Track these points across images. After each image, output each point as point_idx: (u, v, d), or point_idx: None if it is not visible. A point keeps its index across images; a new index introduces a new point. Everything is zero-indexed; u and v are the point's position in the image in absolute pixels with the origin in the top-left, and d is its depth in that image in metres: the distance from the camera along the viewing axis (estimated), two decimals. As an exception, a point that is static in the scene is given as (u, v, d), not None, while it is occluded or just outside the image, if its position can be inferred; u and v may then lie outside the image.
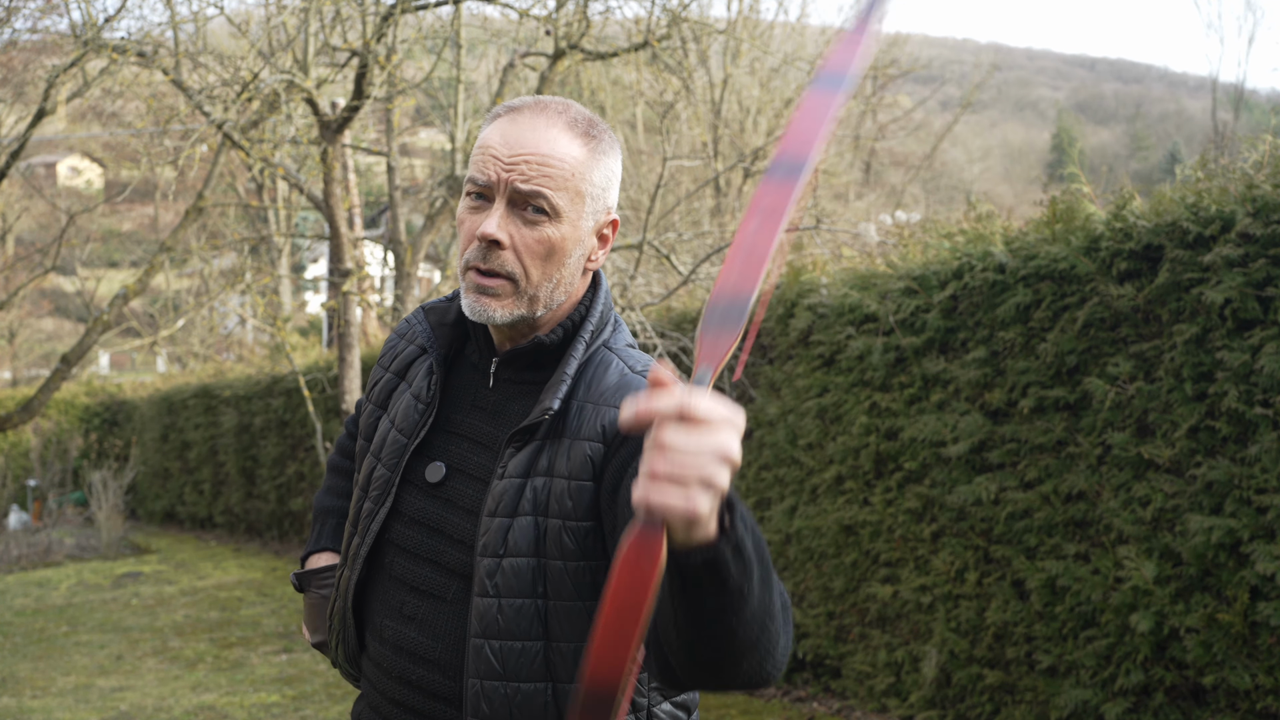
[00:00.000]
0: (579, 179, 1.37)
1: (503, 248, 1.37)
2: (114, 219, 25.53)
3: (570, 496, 1.33)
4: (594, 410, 1.36)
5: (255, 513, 11.50)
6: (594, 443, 1.34)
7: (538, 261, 1.37)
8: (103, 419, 15.90)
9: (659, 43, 6.35)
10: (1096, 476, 3.93)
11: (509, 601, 1.33)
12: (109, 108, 10.88)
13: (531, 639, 1.33)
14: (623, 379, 1.39)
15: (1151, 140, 40.86)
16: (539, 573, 1.33)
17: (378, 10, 6.03)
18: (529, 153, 1.36)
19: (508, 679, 1.33)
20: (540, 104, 1.40)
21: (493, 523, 1.35)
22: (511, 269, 1.37)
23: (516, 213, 1.37)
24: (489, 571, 1.34)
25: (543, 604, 1.33)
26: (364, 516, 1.48)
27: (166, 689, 5.84)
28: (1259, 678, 3.42)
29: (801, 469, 5.25)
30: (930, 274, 4.61)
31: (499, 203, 1.37)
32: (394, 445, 1.47)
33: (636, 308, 5.99)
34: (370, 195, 18.15)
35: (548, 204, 1.36)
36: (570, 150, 1.37)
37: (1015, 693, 4.25)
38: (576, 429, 1.36)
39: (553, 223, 1.37)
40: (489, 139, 1.38)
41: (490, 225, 1.35)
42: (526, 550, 1.33)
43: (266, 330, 10.22)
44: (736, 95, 11.55)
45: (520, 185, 1.35)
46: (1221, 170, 3.86)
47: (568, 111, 1.40)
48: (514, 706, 1.33)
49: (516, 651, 1.33)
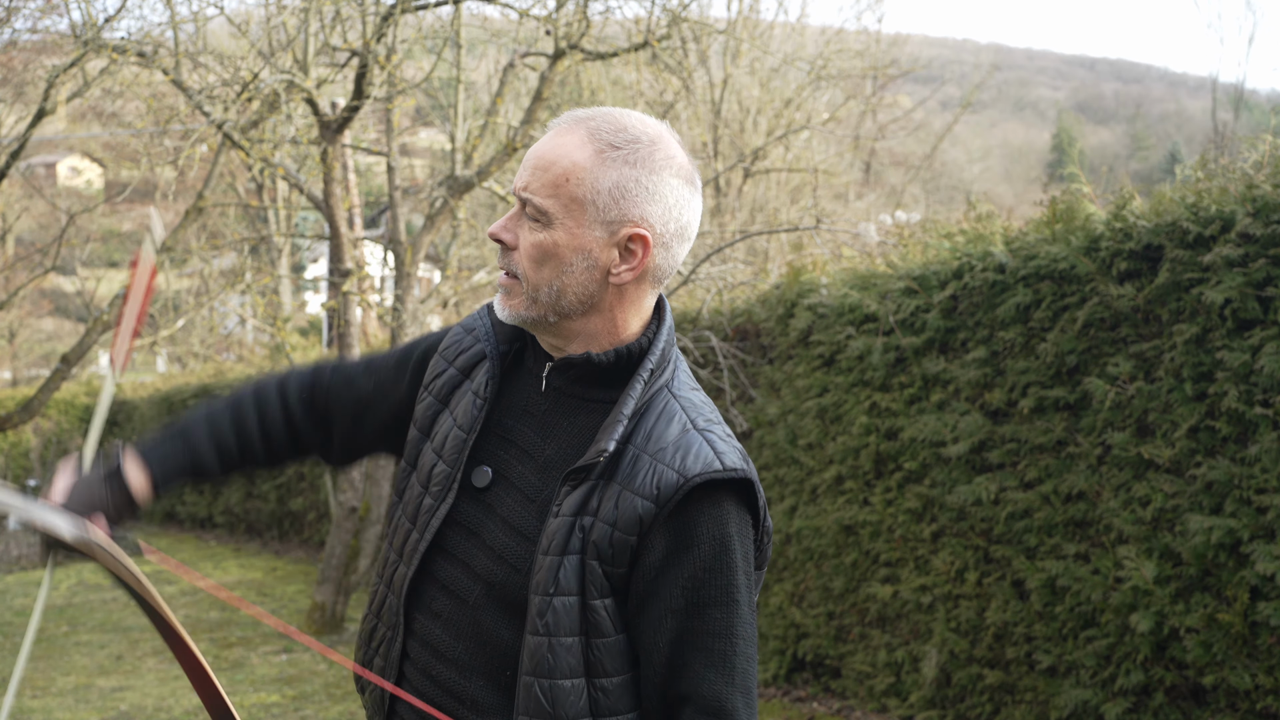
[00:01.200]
0: (575, 184, 1.36)
1: (510, 248, 1.42)
2: (114, 219, 25.52)
3: (612, 545, 1.35)
4: (650, 464, 1.36)
5: (255, 513, 11.50)
6: (646, 501, 1.34)
7: (532, 265, 1.39)
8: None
9: (659, 43, 6.35)
10: (1096, 476, 3.93)
11: (559, 640, 1.34)
12: (109, 108, 10.88)
13: (577, 676, 1.35)
14: (684, 436, 1.38)
15: (1151, 140, 40.85)
16: (583, 611, 1.35)
17: (378, 10, 6.03)
18: (537, 159, 1.39)
19: (556, 716, 1.34)
20: (587, 113, 1.42)
21: (545, 560, 1.36)
22: (516, 269, 1.41)
23: (523, 216, 1.41)
24: (540, 610, 1.35)
25: (586, 641, 1.35)
26: (424, 512, 1.47)
27: (166, 689, 5.84)
28: (1259, 678, 3.42)
29: (801, 469, 5.25)
30: (930, 274, 4.61)
31: (515, 207, 1.43)
32: (455, 441, 1.47)
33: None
34: (370, 195, 18.15)
35: (535, 209, 1.38)
36: (573, 156, 1.37)
37: (1015, 693, 4.25)
38: (629, 478, 1.35)
39: (546, 228, 1.38)
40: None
41: (496, 224, 1.42)
42: (574, 589, 1.35)
43: (266, 330, 10.22)
44: (736, 95, 11.55)
45: (521, 192, 1.39)
46: (1221, 170, 3.86)
47: (602, 121, 1.40)
48: None
49: (565, 690, 1.34)
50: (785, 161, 11.48)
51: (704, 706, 1.33)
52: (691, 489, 1.34)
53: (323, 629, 7.00)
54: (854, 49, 13.40)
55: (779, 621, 5.36)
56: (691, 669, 1.34)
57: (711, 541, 1.35)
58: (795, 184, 11.83)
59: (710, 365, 5.79)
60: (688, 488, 1.33)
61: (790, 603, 5.31)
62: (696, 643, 1.34)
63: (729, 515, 1.37)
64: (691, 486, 1.34)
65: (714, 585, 1.35)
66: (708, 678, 1.33)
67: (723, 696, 1.33)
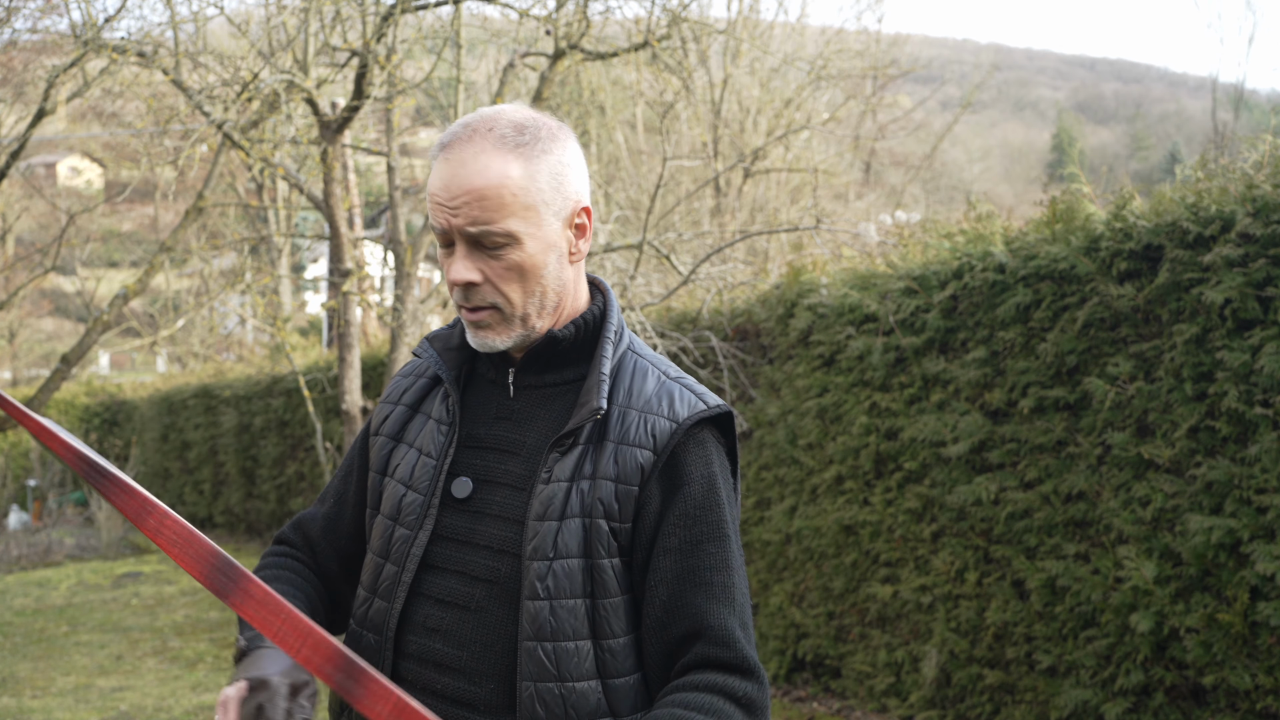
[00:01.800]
0: (524, 194, 1.38)
1: (478, 284, 1.40)
2: (114, 219, 25.53)
3: (617, 499, 1.38)
4: (639, 417, 1.41)
5: (255, 513, 11.50)
6: (645, 450, 1.39)
7: (515, 286, 1.41)
8: (103, 419, 15.90)
9: (659, 43, 6.35)
10: (1096, 476, 3.93)
11: (561, 603, 1.36)
12: (109, 108, 10.88)
13: (582, 638, 1.37)
14: (661, 385, 1.45)
15: (1151, 140, 40.86)
16: (588, 573, 1.37)
17: (378, 10, 6.03)
18: (464, 192, 1.37)
19: (562, 680, 1.36)
20: (468, 129, 1.40)
21: (541, 526, 1.38)
22: (493, 300, 1.41)
23: (479, 249, 1.40)
24: (539, 575, 1.37)
25: (591, 603, 1.37)
26: (397, 542, 1.47)
27: (166, 689, 5.84)
28: (1259, 678, 3.42)
29: (801, 469, 5.25)
30: (930, 274, 4.61)
31: (459, 245, 1.40)
32: (425, 469, 1.48)
33: (636, 308, 5.99)
34: (370, 195, 18.15)
35: (500, 234, 1.38)
36: (504, 170, 1.38)
37: (1015, 693, 4.25)
38: (622, 434, 1.41)
39: (515, 247, 1.39)
40: (432, 184, 1.40)
41: (459, 272, 1.40)
42: (577, 551, 1.37)
43: (266, 330, 10.23)
44: (736, 95, 11.55)
45: (466, 228, 1.38)
46: (1221, 170, 3.86)
47: (495, 127, 1.40)
48: (569, 706, 1.36)
49: (569, 652, 1.36)
50: (785, 161, 11.48)
51: (713, 638, 1.35)
52: (686, 431, 1.40)
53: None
54: (854, 49, 13.40)
55: (779, 621, 5.36)
56: (694, 605, 1.36)
57: (701, 480, 1.40)
58: (795, 184, 11.82)
59: (710, 365, 5.79)
60: (682, 431, 1.40)
61: (790, 603, 5.31)
62: (696, 579, 1.37)
63: (712, 453, 1.43)
64: (686, 428, 1.40)
65: (706, 522, 1.39)
66: (712, 610, 1.36)
67: (730, 627, 1.36)
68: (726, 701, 1.31)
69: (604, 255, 6.50)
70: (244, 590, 1.19)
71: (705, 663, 1.35)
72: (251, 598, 1.18)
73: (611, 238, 8.10)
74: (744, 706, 1.33)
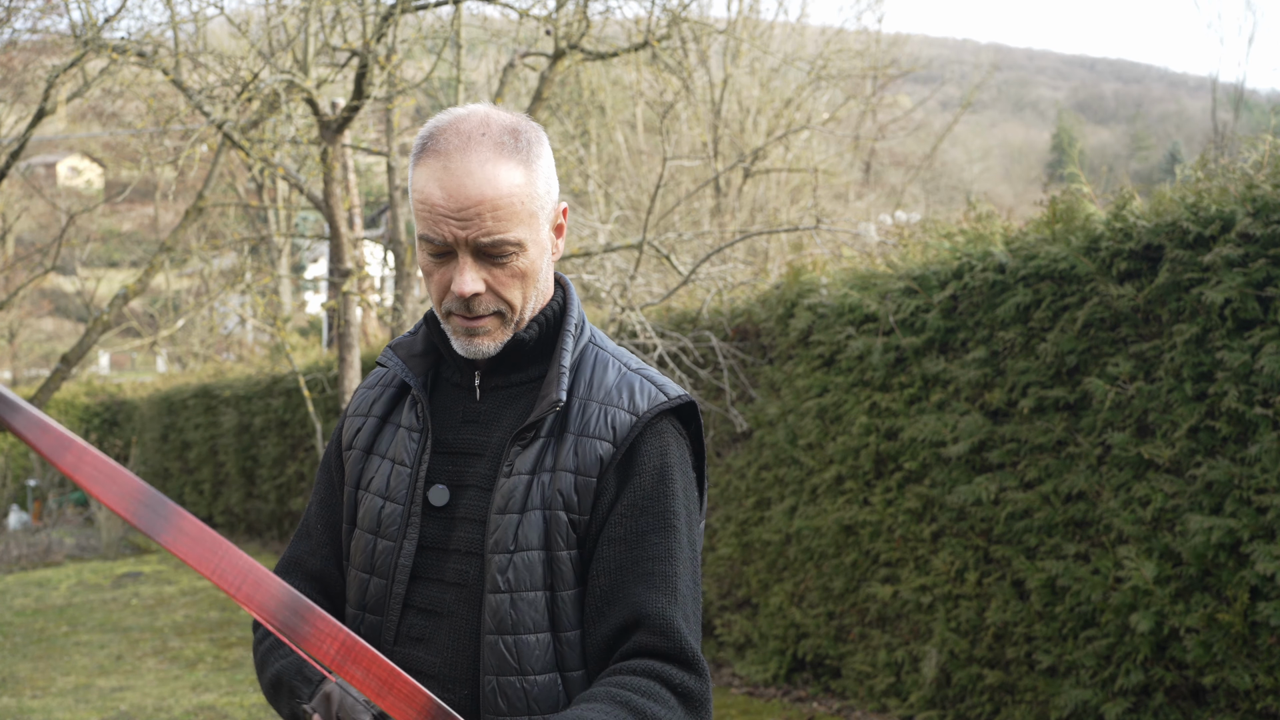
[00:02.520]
0: (529, 200, 1.37)
1: (481, 293, 1.37)
2: (114, 219, 25.53)
3: (577, 490, 1.37)
4: (599, 409, 1.41)
5: (255, 513, 11.50)
6: (605, 442, 1.39)
7: (517, 291, 1.40)
8: (103, 419, 15.90)
9: (659, 43, 6.35)
10: (1096, 476, 3.93)
11: (521, 595, 1.35)
12: (109, 108, 10.88)
13: (542, 631, 1.36)
14: (622, 377, 1.44)
15: (1151, 140, 40.85)
16: (548, 565, 1.36)
17: (378, 10, 6.03)
18: (476, 203, 1.33)
19: (523, 673, 1.35)
20: (462, 135, 1.35)
21: (502, 519, 1.37)
22: (496, 307, 1.39)
23: (484, 259, 1.37)
24: (500, 567, 1.36)
25: (550, 596, 1.36)
26: (381, 554, 1.44)
27: (166, 689, 5.84)
28: (1259, 678, 3.42)
29: (801, 469, 5.25)
30: (930, 274, 4.61)
31: (464, 257, 1.36)
32: (400, 478, 1.47)
33: (636, 308, 5.99)
34: (370, 195, 18.15)
35: (512, 243, 1.36)
36: (512, 179, 1.35)
37: (1015, 693, 4.25)
38: (582, 426, 1.40)
39: (520, 254, 1.38)
40: (428, 193, 1.34)
41: (466, 284, 1.36)
42: (537, 544, 1.37)
43: (266, 330, 10.22)
44: (736, 95, 11.55)
45: (481, 240, 1.34)
46: (1221, 170, 3.86)
47: (489, 133, 1.36)
48: (531, 700, 1.35)
49: (530, 645, 1.35)
50: (785, 161, 11.48)
51: (652, 627, 1.31)
52: (645, 424, 1.39)
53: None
54: (854, 49, 13.40)
55: (779, 621, 5.36)
56: (635, 594, 1.34)
57: (652, 471, 1.39)
58: (795, 184, 11.82)
59: (710, 365, 5.79)
60: (642, 424, 1.39)
61: (790, 603, 5.31)
62: (639, 569, 1.35)
63: (669, 445, 1.41)
64: (646, 421, 1.39)
65: (653, 513, 1.37)
66: (652, 599, 1.33)
67: (669, 615, 1.32)
68: (663, 688, 1.28)
69: (604, 255, 6.50)
70: (177, 527, 1.10)
71: (643, 651, 1.31)
72: (185, 534, 1.10)
73: (611, 238, 8.11)
74: (682, 696, 1.29)
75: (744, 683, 5.44)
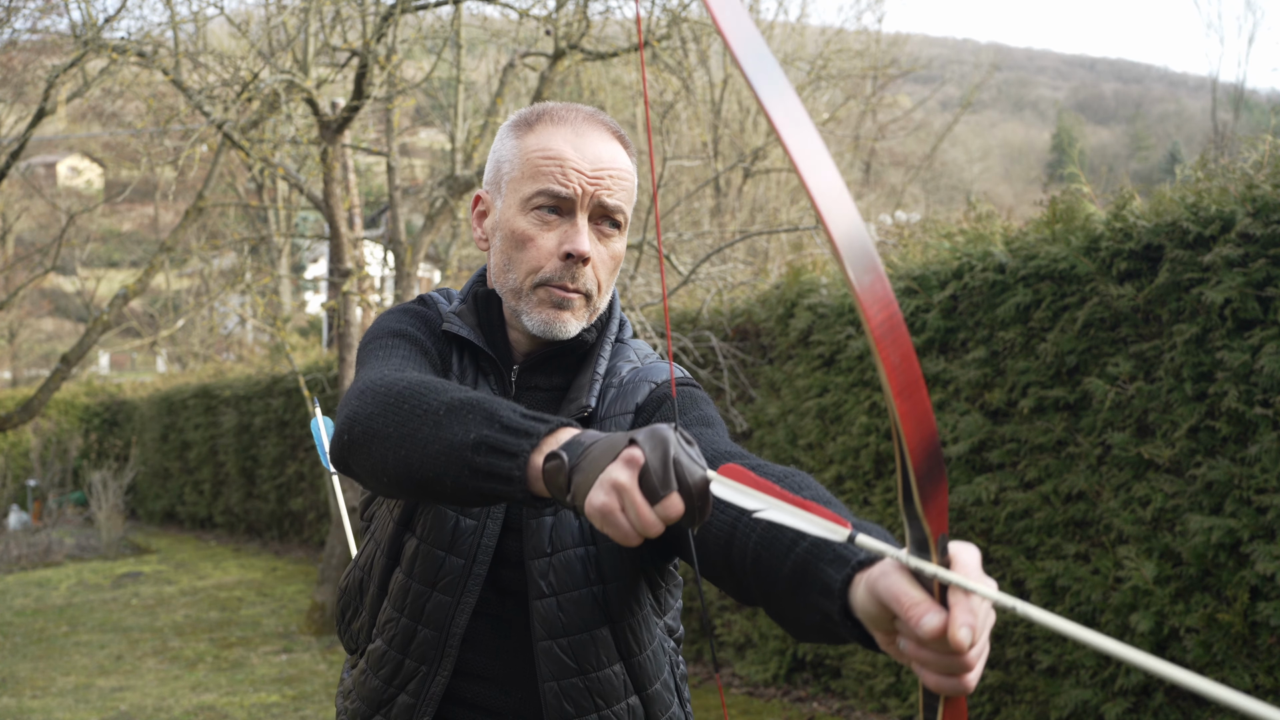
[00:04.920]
0: (633, 191, 1.39)
1: (588, 264, 1.34)
2: (114, 219, 25.54)
3: None
4: (618, 393, 1.37)
5: (255, 513, 11.50)
6: (626, 415, 1.35)
7: (608, 275, 1.38)
8: (103, 419, 15.90)
9: (659, 43, 6.35)
10: (1096, 476, 3.93)
11: (567, 596, 1.32)
12: (109, 108, 10.88)
13: (597, 626, 1.33)
14: (643, 362, 1.42)
15: (1151, 140, 40.87)
16: (589, 560, 1.33)
17: (378, 10, 6.03)
18: (608, 167, 1.34)
19: (584, 672, 1.32)
20: (583, 114, 1.37)
21: (534, 524, 1.34)
22: (590, 286, 1.36)
23: (594, 227, 1.35)
24: (541, 572, 1.33)
25: (600, 589, 1.33)
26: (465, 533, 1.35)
27: (166, 689, 5.84)
28: (1259, 678, 3.42)
29: (801, 469, 5.25)
30: (930, 274, 4.61)
31: (581, 218, 1.33)
32: None
33: (636, 308, 5.99)
34: (370, 195, 18.15)
35: (624, 218, 1.36)
36: (629, 163, 1.38)
37: (1015, 693, 4.25)
38: (605, 412, 1.37)
39: (621, 236, 1.37)
40: (559, 149, 1.33)
41: (584, 242, 1.32)
42: (573, 541, 1.33)
43: (266, 330, 10.22)
44: (736, 95, 11.55)
45: (607, 199, 1.34)
46: (1221, 170, 3.86)
47: (606, 120, 1.39)
48: (596, 696, 1.33)
49: (586, 642, 1.32)
50: (785, 161, 11.47)
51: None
52: (661, 388, 1.36)
53: (322, 629, 7.00)
54: (854, 49, 13.40)
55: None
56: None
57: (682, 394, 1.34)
58: (795, 184, 11.81)
59: (710, 365, 5.79)
60: (661, 391, 1.36)
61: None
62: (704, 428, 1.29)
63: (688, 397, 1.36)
64: (662, 385, 1.36)
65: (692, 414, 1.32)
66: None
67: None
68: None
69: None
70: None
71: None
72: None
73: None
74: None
75: (744, 683, 5.43)
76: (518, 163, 1.36)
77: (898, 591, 0.80)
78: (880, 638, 0.86)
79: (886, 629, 0.84)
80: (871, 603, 0.84)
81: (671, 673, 1.42)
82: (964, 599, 0.78)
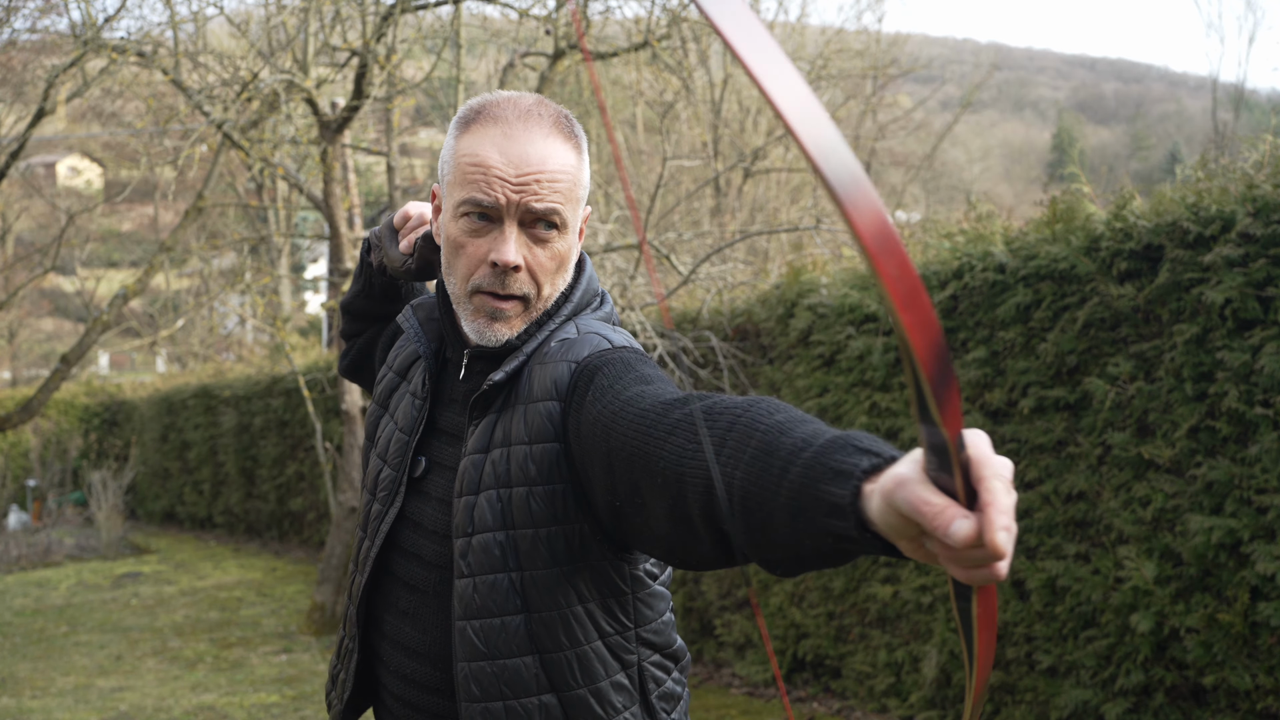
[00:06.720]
0: (577, 186, 1.36)
1: (519, 271, 1.33)
2: (114, 219, 25.55)
3: (533, 461, 1.29)
4: (541, 370, 1.32)
5: (255, 513, 11.50)
6: (548, 401, 1.30)
7: (549, 277, 1.36)
8: (103, 419, 15.90)
9: (659, 43, 6.35)
10: (1096, 476, 3.93)
11: (482, 579, 1.31)
12: (109, 108, 10.88)
13: (510, 613, 1.30)
14: (575, 339, 1.35)
15: (1151, 140, 40.87)
16: (507, 546, 1.30)
17: (378, 10, 6.03)
18: (536, 170, 1.31)
19: (492, 657, 1.31)
20: (518, 108, 1.34)
21: (459, 502, 1.34)
22: (526, 290, 1.35)
23: (525, 232, 1.33)
24: (462, 551, 1.33)
25: (516, 576, 1.30)
26: (373, 518, 1.47)
27: (166, 689, 5.84)
28: (1259, 678, 3.42)
29: (801, 469, 5.25)
30: (930, 274, 4.61)
31: (509, 225, 1.32)
32: (398, 444, 1.47)
33: (636, 308, 5.99)
34: (370, 195, 18.15)
35: (559, 219, 1.33)
36: (568, 158, 1.34)
37: (1015, 693, 4.25)
38: (528, 394, 1.32)
39: (560, 236, 1.35)
40: (484, 155, 1.32)
41: (510, 252, 1.31)
42: (493, 524, 1.31)
43: (266, 330, 10.22)
44: (736, 95, 11.55)
45: (535, 205, 1.31)
46: (1221, 170, 3.86)
47: (547, 111, 1.35)
48: (503, 684, 1.31)
49: (497, 628, 1.31)
50: (785, 161, 11.48)
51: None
52: (583, 365, 1.29)
53: (322, 629, 7.00)
54: (854, 49, 13.41)
55: (779, 621, 5.36)
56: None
57: (612, 362, 1.28)
58: (795, 184, 11.83)
59: (710, 365, 5.79)
60: (580, 367, 1.29)
61: (790, 603, 5.31)
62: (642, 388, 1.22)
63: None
64: (584, 364, 1.29)
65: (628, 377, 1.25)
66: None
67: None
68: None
69: (604, 255, 6.50)
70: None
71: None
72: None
73: (611, 238, 8.10)
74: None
75: (744, 683, 5.43)
76: (451, 166, 1.36)
77: (916, 502, 0.77)
78: (904, 545, 0.84)
79: (912, 535, 0.82)
80: (891, 514, 0.81)
81: (637, 687, 1.37)
82: (995, 497, 0.75)
